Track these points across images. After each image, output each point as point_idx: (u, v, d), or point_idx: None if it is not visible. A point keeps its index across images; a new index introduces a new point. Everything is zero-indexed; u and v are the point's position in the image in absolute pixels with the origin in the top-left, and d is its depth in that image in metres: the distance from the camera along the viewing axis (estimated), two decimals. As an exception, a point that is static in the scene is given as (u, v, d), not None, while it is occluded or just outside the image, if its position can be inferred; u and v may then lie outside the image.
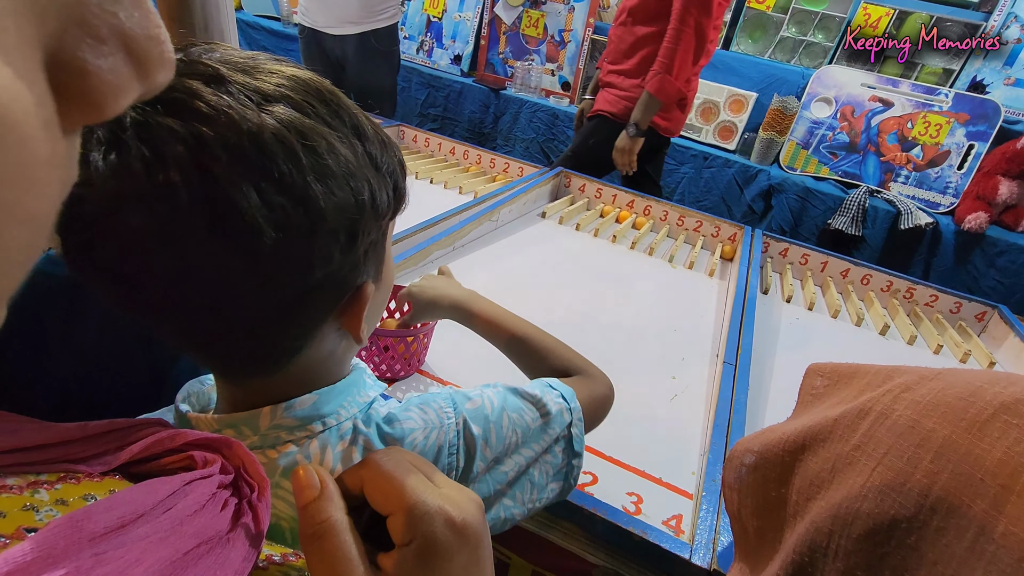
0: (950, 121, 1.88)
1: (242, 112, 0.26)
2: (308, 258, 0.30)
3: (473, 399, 0.43)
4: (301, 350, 0.34)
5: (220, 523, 0.24)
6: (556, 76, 2.44)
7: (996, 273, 1.80)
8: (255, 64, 0.29)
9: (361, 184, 0.31)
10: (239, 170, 0.26)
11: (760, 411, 0.87)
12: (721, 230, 1.53)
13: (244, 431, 0.35)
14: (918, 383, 0.32)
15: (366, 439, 0.37)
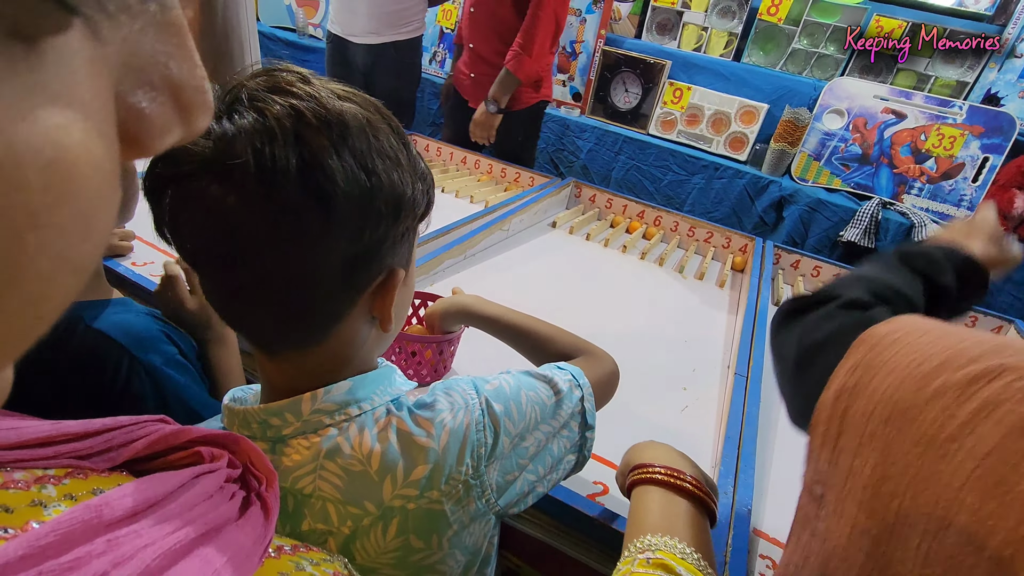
0: (964, 133, 1.87)
1: (327, 97, 0.34)
2: (364, 219, 0.34)
3: (491, 382, 0.46)
4: (339, 320, 0.38)
5: (229, 511, 0.25)
6: (567, 87, 2.45)
7: (1013, 288, 1.78)
8: (325, 79, 0.37)
9: (406, 177, 0.37)
10: (324, 134, 0.33)
11: (772, 422, 0.86)
12: (732, 241, 1.52)
13: (288, 418, 0.38)
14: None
15: (399, 419, 0.40)
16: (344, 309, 0.38)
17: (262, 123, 0.32)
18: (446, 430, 0.40)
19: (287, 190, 0.32)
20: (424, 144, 1.88)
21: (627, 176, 2.29)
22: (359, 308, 0.39)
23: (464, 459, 0.40)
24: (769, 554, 0.62)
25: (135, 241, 0.78)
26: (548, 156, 2.43)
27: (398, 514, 0.39)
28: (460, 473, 0.40)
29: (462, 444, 0.40)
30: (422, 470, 0.39)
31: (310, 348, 0.39)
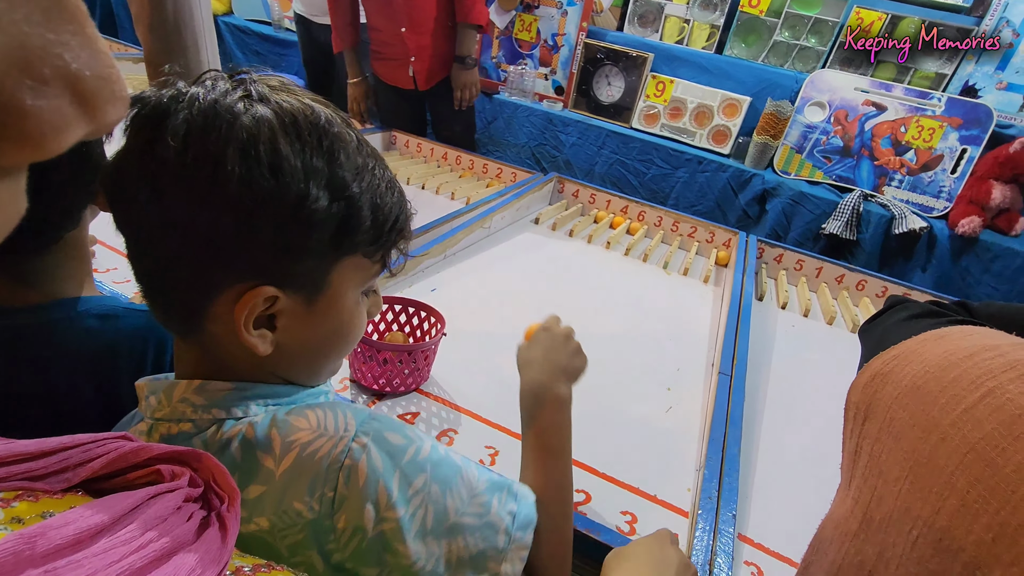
0: (943, 125, 1.88)
1: (228, 95, 0.33)
2: (198, 204, 0.32)
3: (397, 435, 0.37)
4: (200, 315, 0.35)
5: (184, 534, 0.24)
6: (549, 80, 2.43)
7: (991, 279, 1.80)
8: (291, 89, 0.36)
9: (288, 182, 0.33)
10: (186, 114, 0.32)
11: (757, 422, 0.85)
12: (716, 236, 1.52)
13: (162, 399, 0.37)
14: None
15: (251, 426, 0.36)
16: (198, 305, 0.35)
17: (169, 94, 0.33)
18: (293, 454, 0.34)
19: (134, 163, 0.33)
20: (404, 140, 1.85)
21: (611, 170, 2.28)
22: (220, 311, 0.35)
23: (302, 494, 0.34)
24: (755, 561, 0.61)
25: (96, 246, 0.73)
26: (530, 151, 2.41)
27: None
28: (293, 511, 0.34)
29: (304, 474, 0.34)
30: (255, 491, 0.34)
31: (189, 338, 0.38)
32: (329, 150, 0.35)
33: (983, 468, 0.27)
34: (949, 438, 0.29)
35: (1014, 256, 1.76)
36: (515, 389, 0.82)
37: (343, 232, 0.36)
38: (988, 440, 0.27)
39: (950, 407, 0.29)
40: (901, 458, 0.31)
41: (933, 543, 0.28)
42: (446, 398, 0.77)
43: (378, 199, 0.37)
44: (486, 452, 0.69)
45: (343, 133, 0.36)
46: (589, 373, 0.89)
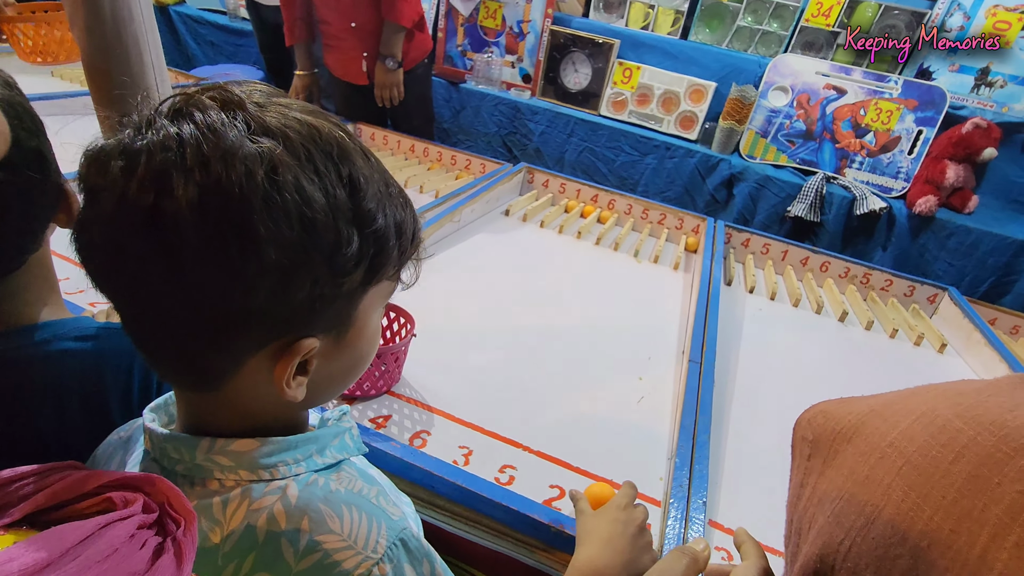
0: (900, 108, 1.93)
1: (228, 131, 0.29)
2: (228, 280, 0.29)
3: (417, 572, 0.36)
4: (227, 376, 0.33)
5: (135, 564, 0.23)
6: (516, 68, 2.40)
7: (947, 255, 1.87)
8: (283, 106, 0.32)
9: (321, 233, 0.31)
10: (196, 169, 0.28)
11: (726, 408, 0.87)
12: (685, 222, 1.53)
13: (183, 453, 0.35)
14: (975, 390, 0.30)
15: (280, 510, 0.33)
16: (227, 368, 0.33)
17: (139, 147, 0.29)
18: (317, 556, 0.33)
19: (137, 230, 0.29)
20: (370, 133, 1.81)
21: (580, 158, 2.28)
22: (255, 364, 0.33)
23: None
24: (725, 546, 0.63)
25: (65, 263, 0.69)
26: (501, 140, 2.39)
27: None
28: None
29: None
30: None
31: (204, 394, 0.35)
32: (349, 180, 0.32)
33: (916, 477, 0.28)
34: (887, 456, 0.30)
35: (967, 233, 1.83)
36: (488, 387, 0.82)
37: (373, 268, 0.34)
38: (921, 451, 0.28)
39: (888, 432, 0.31)
40: (840, 483, 0.32)
41: (867, 552, 0.28)
42: (418, 399, 0.76)
43: (398, 220, 0.35)
44: (460, 452, 0.69)
45: (350, 149, 0.33)
46: (562, 366, 0.90)
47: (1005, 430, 0.26)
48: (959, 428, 0.27)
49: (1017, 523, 0.24)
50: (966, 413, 0.28)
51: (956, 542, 0.25)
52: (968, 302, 1.32)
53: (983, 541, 0.25)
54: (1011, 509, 0.24)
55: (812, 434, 0.37)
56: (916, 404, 0.31)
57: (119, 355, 0.49)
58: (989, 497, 0.25)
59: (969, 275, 1.84)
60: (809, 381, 1.02)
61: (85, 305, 0.75)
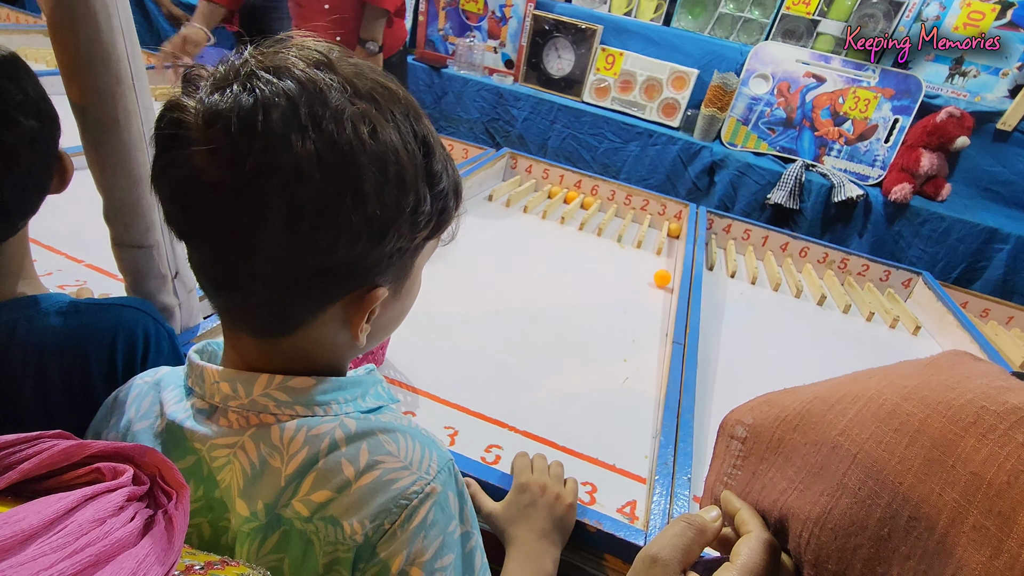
0: (877, 96, 1.96)
1: (330, 91, 0.30)
2: (338, 233, 0.31)
3: (460, 502, 0.38)
4: (304, 323, 0.35)
5: (124, 536, 0.23)
6: (499, 53, 2.38)
7: (921, 242, 1.91)
8: (360, 70, 0.33)
9: (409, 190, 0.33)
10: (310, 127, 0.29)
11: (709, 389, 0.88)
12: (667, 208, 1.54)
13: (239, 389, 0.36)
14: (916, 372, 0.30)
15: (341, 434, 0.35)
16: (307, 315, 0.35)
17: (249, 107, 0.29)
18: (376, 473, 0.34)
19: (247, 187, 0.30)
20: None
21: (563, 145, 2.27)
22: (328, 315, 0.36)
23: (366, 516, 0.33)
24: (709, 520, 0.64)
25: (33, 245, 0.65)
26: (483, 126, 2.37)
27: (282, 527, 0.35)
28: (350, 529, 0.33)
29: (376, 498, 0.34)
30: (324, 495, 0.34)
31: (269, 339, 0.37)
32: (424, 141, 0.34)
33: (871, 465, 0.28)
34: (840, 446, 0.30)
35: (940, 220, 1.87)
36: (474, 369, 0.82)
37: (438, 225, 0.37)
38: (873, 438, 0.28)
39: (837, 420, 0.31)
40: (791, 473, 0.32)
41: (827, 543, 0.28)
42: (403, 380, 0.76)
43: (456, 181, 0.38)
44: (445, 433, 0.68)
45: (420, 110, 0.35)
46: (547, 348, 0.90)
47: (952, 409, 0.26)
48: (909, 411, 0.28)
49: (973, 506, 0.24)
50: (913, 395, 0.28)
51: (916, 528, 0.25)
52: (941, 286, 1.35)
53: (942, 526, 0.25)
54: (966, 492, 0.24)
55: (752, 419, 0.37)
56: (861, 390, 0.32)
57: (102, 332, 0.48)
58: (945, 480, 0.25)
59: (942, 261, 1.89)
60: (788, 362, 1.03)
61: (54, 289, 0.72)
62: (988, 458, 0.24)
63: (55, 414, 0.46)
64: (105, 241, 0.59)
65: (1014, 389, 0.26)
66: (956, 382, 0.28)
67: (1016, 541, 0.22)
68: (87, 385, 0.47)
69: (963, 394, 0.27)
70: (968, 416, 0.26)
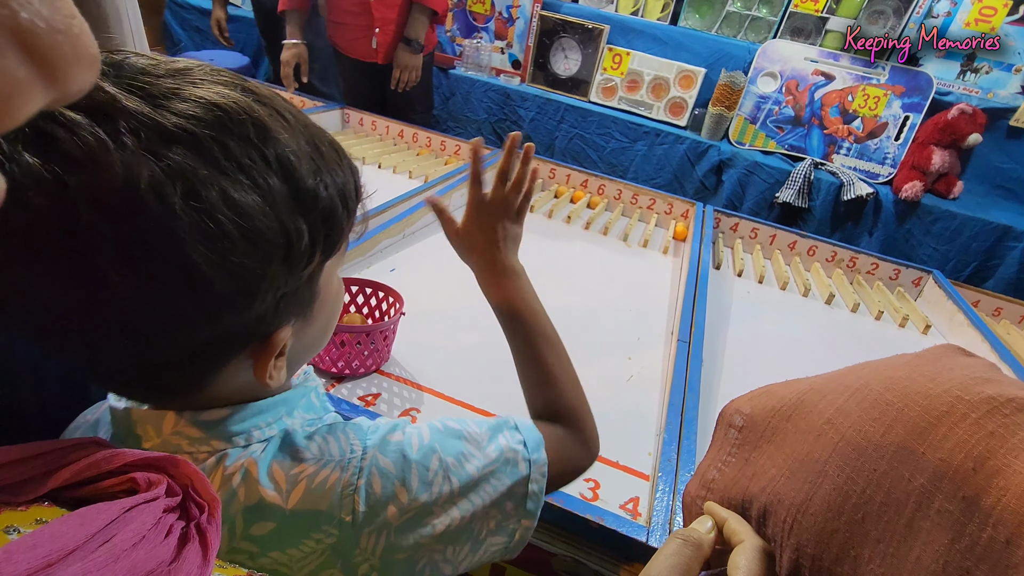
0: (887, 93, 1.95)
1: (119, 158, 0.23)
2: (187, 320, 0.27)
3: (395, 433, 0.37)
4: (206, 386, 0.32)
5: (162, 553, 0.23)
6: (506, 54, 2.38)
7: (932, 240, 1.89)
8: (171, 87, 0.25)
9: (270, 236, 0.27)
10: (106, 229, 0.23)
11: (714, 387, 0.88)
12: (674, 207, 1.54)
13: (148, 431, 0.33)
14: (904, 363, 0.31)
15: (252, 462, 0.33)
16: (207, 378, 0.32)
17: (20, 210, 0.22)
18: (300, 488, 0.33)
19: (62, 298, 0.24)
20: (357, 118, 1.79)
21: (570, 145, 2.27)
22: (235, 365, 0.32)
23: (319, 525, 0.33)
24: (712, 517, 0.64)
25: None
26: (491, 126, 2.38)
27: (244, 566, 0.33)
28: (312, 541, 0.33)
29: (318, 507, 0.33)
30: (265, 527, 0.33)
31: (178, 399, 0.33)
32: (279, 162, 0.28)
33: (851, 452, 0.28)
34: (824, 434, 0.30)
35: (952, 218, 1.85)
36: (478, 366, 0.82)
37: (328, 247, 0.32)
38: (855, 426, 0.29)
39: (826, 409, 0.31)
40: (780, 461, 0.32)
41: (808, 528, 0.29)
42: (408, 378, 0.76)
43: (340, 185, 0.32)
44: (450, 429, 0.69)
45: (268, 123, 0.28)
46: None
47: (928, 399, 0.27)
48: (889, 401, 0.28)
49: (939, 491, 0.25)
50: (895, 386, 0.29)
51: (886, 513, 0.26)
52: (952, 285, 1.33)
53: (909, 510, 0.26)
54: (934, 477, 0.25)
55: (750, 409, 0.37)
56: (851, 380, 0.32)
57: None
58: (915, 466, 0.26)
59: (953, 259, 1.86)
60: (796, 362, 1.03)
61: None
62: (957, 445, 0.25)
63: (52, 413, 0.45)
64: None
65: (992, 381, 0.27)
66: (937, 373, 0.28)
67: (976, 525, 0.23)
68: (84, 387, 0.47)
69: (941, 384, 0.27)
70: (942, 405, 0.26)
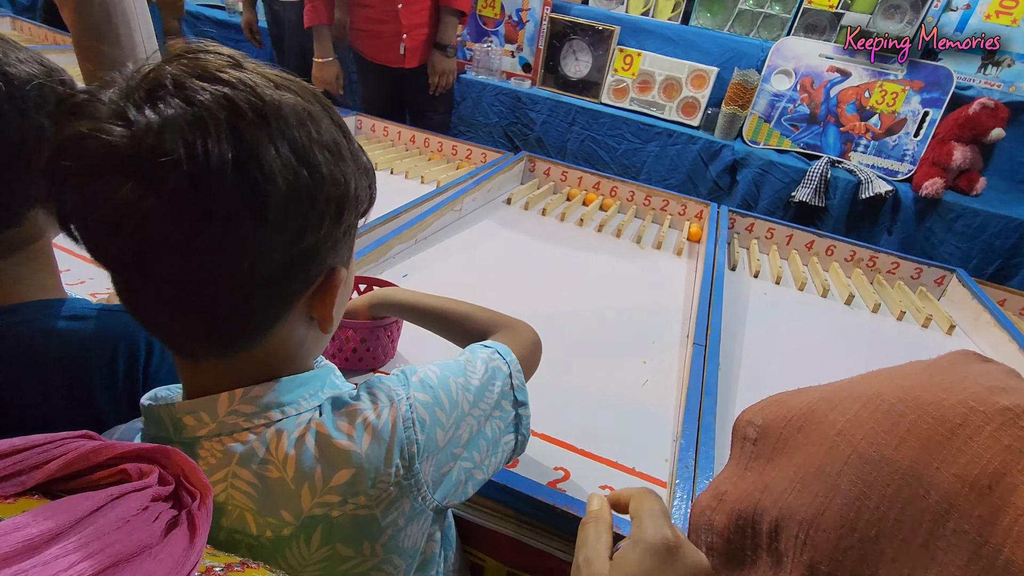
0: (905, 89, 1.91)
1: (262, 85, 0.31)
2: (304, 218, 0.32)
3: (417, 372, 0.44)
4: (273, 327, 0.36)
5: (148, 536, 0.23)
6: (516, 57, 2.38)
7: (954, 238, 1.85)
8: (264, 68, 0.34)
9: (349, 171, 0.35)
10: (260, 127, 0.30)
11: (731, 391, 0.87)
12: (688, 208, 1.52)
13: (202, 417, 0.35)
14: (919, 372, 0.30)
15: (319, 423, 0.37)
16: (279, 314, 0.35)
17: (192, 114, 0.28)
18: (369, 431, 0.38)
19: (220, 189, 0.29)
20: (370, 124, 1.80)
21: (582, 147, 2.26)
22: (296, 311, 0.36)
23: (392, 460, 0.38)
24: (731, 525, 0.62)
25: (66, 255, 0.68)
26: (502, 130, 2.38)
27: (321, 523, 0.36)
28: (389, 475, 0.37)
29: (389, 444, 0.38)
30: (344, 475, 0.36)
31: (238, 355, 0.36)
32: (339, 124, 0.36)
33: (863, 466, 0.27)
34: (836, 446, 0.29)
35: (974, 215, 1.81)
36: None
37: (371, 197, 0.39)
38: (867, 438, 0.28)
39: (838, 419, 0.30)
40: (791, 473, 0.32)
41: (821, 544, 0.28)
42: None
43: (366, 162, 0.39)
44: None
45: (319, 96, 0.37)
46: (566, 350, 0.89)
47: (941, 410, 0.26)
48: (901, 412, 0.27)
49: (955, 509, 0.24)
50: (907, 396, 0.28)
51: (901, 531, 0.25)
52: (976, 283, 1.30)
53: (925, 529, 0.25)
54: (948, 495, 0.24)
55: (762, 420, 0.37)
56: (864, 389, 0.31)
57: (104, 338, 0.48)
58: (928, 483, 0.25)
59: (975, 257, 1.82)
60: (816, 364, 1.01)
61: (86, 297, 0.75)
62: (972, 460, 0.24)
63: (55, 421, 0.46)
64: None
65: (1009, 390, 0.25)
66: (951, 382, 0.27)
67: (993, 546, 0.22)
68: (88, 392, 0.47)
69: (955, 394, 0.26)
70: (956, 417, 0.25)
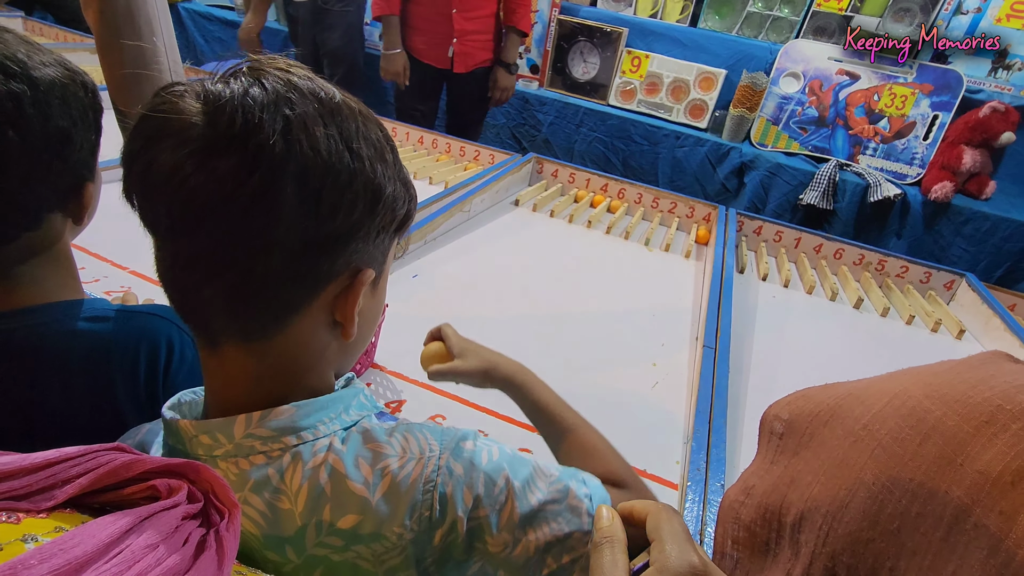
0: (915, 92, 1.90)
1: (326, 86, 0.34)
2: (341, 197, 0.33)
3: (469, 441, 0.38)
4: (295, 312, 0.35)
5: (176, 563, 0.23)
6: (524, 59, 2.39)
7: (963, 241, 1.84)
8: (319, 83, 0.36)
9: (389, 173, 0.36)
10: (316, 108, 0.32)
11: (742, 393, 0.87)
12: (696, 210, 1.52)
13: (219, 438, 0.35)
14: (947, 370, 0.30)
15: (336, 458, 0.35)
16: (301, 301, 0.35)
17: (257, 85, 0.31)
18: (387, 479, 0.35)
19: (267, 150, 0.30)
20: (378, 125, 1.81)
21: (590, 148, 2.27)
22: (318, 306, 0.35)
23: (402, 519, 0.34)
24: (743, 527, 0.62)
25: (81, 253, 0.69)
26: (510, 131, 2.38)
27: (322, 563, 0.35)
28: (394, 535, 0.34)
29: (401, 500, 0.35)
30: (351, 520, 0.34)
31: (259, 342, 0.35)
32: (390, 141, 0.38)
33: (887, 460, 0.28)
34: (861, 440, 0.30)
35: (984, 219, 1.80)
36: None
37: (407, 214, 0.39)
38: (892, 434, 0.28)
39: (863, 415, 0.31)
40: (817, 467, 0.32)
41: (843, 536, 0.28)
42: (429, 383, 0.76)
43: (407, 177, 0.40)
44: (475, 436, 0.69)
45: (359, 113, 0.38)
46: (575, 353, 0.89)
47: (968, 407, 0.26)
48: (928, 408, 0.28)
49: (977, 504, 0.24)
50: (935, 393, 0.28)
51: (923, 525, 0.26)
52: (986, 288, 1.29)
53: (946, 523, 0.25)
54: (971, 490, 0.24)
55: (788, 414, 0.37)
56: (891, 386, 0.31)
57: (125, 341, 0.48)
58: (952, 478, 0.25)
59: (984, 261, 1.81)
60: (825, 367, 1.01)
61: (100, 296, 0.76)
62: (996, 457, 0.24)
63: (77, 420, 0.46)
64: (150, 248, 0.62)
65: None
66: (979, 380, 0.27)
67: (1013, 541, 0.22)
68: (111, 392, 0.47)
69: (982, 392, 0.26)
70: (982, 415, 0.25)
